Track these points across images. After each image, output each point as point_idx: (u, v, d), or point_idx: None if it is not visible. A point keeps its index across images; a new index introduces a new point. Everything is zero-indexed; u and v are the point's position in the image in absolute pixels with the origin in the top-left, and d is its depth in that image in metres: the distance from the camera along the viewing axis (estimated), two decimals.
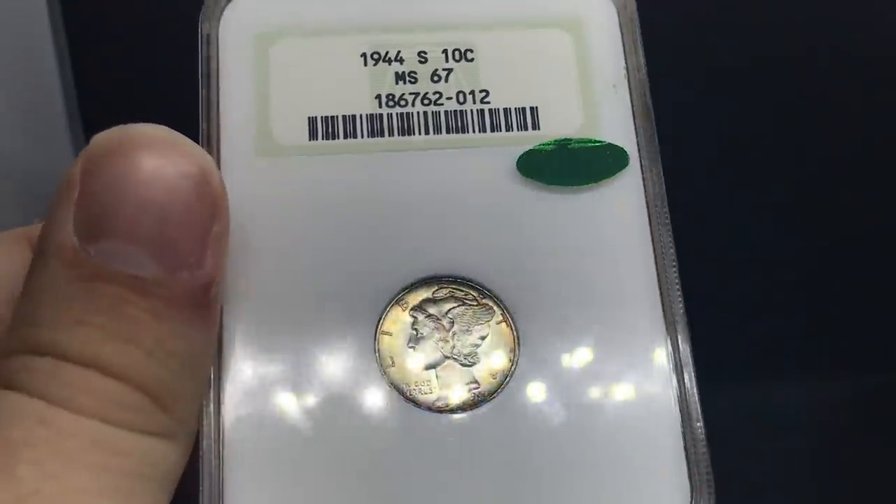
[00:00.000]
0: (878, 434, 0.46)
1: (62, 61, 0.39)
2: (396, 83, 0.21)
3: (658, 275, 0.20)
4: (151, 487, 0.16)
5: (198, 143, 0.20)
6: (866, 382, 0.46)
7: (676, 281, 0.20)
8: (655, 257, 0.20)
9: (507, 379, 0.19)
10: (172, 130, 0.17)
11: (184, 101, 0.21)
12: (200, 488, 0.18)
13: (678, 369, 0.19)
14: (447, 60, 0.21)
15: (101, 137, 0.17)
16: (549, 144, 0.20)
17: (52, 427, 0.15)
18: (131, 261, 0.16)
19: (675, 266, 0.20)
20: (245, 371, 0.19)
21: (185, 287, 0.17)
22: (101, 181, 0.16)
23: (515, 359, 0.19)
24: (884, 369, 0.46)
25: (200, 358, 0.17)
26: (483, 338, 0.19)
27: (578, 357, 0.19)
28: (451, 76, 0.21)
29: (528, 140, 0.21)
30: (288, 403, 0.18)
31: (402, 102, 0.21)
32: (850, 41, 0.45)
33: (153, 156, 0.16)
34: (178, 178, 0.16)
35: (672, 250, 0.20)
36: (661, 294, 0.20)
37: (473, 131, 0.21)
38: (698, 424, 0.19)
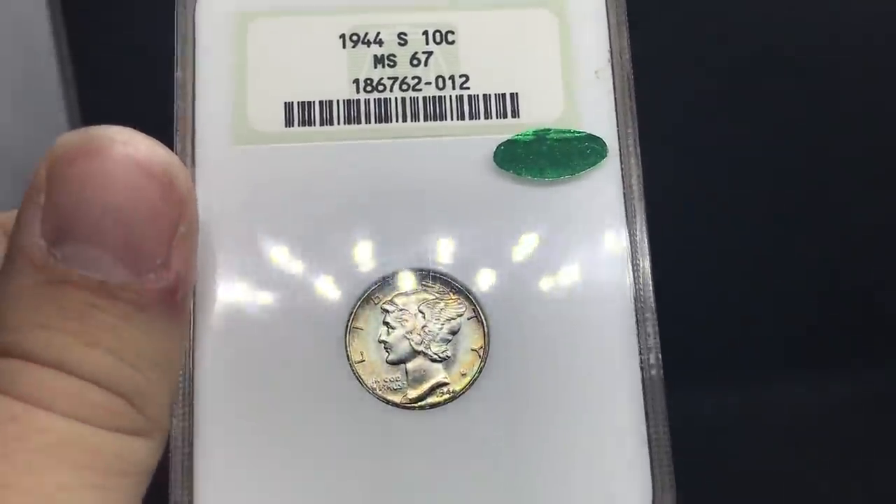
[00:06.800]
0: (878, 434, 0.45)
1: (60, 50, 0.39)
2: (375, 66, 0.20)
3: (632, 270, 0.20)
4: (127, 483, 0.17)
5: (173, 126, 0.20)
6: (867, 382, 0.46)
7: (650, 275, 0.20)
8: (631, 251, 0.20)
9: (477, 375, 0.19)
10: (137, 132, 0.17)
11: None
12: (171, 485, 0.18)
13: (647, 365, 0.19)
14: (427, 43, 0.21)
15: (66, 140, 0.16)
16: (527, 135, 0.20)
17: (22, 423, 0.16)
18: (97, 265, 0.16)
19: (648, 260, 0.20)
20: (216, 367, 0.19)
21: (153, 289, 0.17)
22: (66, 185, 0.16)
23: (485, 355, 0.19)
24: (885, 368, 0.46)
25: (171, 357, 0.18)
26: (454, 333, 0.19)
27: (548, 354, 0.19)
28: (431, 60, 0.21)
29: (508, 128, 0.20)
30: (258, 398, 0.19)
31: (381, 88, 0.20)
32: (849, 28, 0.44)
33: (117, 158, 0.16)
34: (143, 180, 0.16)
35: (646, 244, 0.20)
36: (635, 289, 0.20)
37: (452, 118, 0.20)
38: (664, 424, 0.19)
